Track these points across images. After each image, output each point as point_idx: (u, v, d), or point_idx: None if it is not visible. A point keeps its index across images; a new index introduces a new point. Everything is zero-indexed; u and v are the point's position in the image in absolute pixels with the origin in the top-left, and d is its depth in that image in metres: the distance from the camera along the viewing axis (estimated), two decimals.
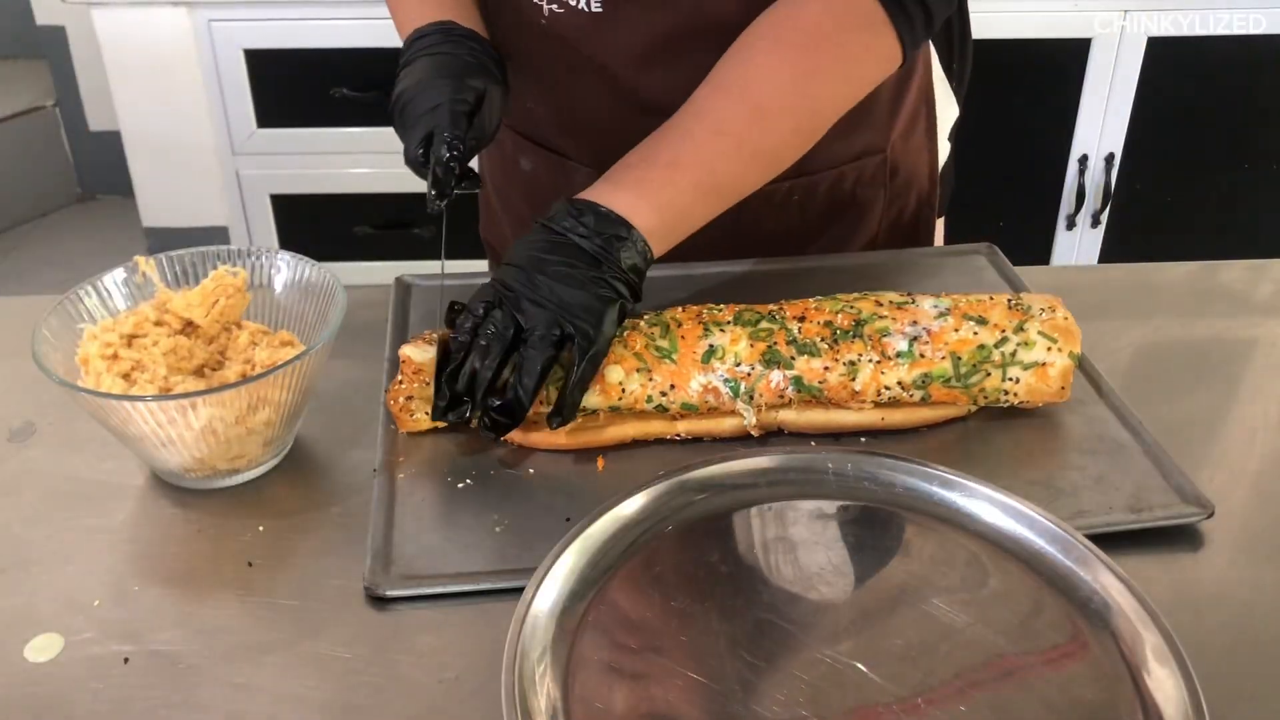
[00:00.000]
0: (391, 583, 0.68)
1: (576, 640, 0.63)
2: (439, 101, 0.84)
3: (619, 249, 0.78)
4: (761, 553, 0.70)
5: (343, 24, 2.17)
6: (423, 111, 0.84)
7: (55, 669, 0.64)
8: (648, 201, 0.80)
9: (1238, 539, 0.73)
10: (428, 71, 0.87)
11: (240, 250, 0.84)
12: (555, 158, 1.05)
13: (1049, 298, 0.83)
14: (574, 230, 0.78)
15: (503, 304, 0.76)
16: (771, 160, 0.86)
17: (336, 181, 2.34)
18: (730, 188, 0.85)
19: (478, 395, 0.76)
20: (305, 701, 0.62)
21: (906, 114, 1.05)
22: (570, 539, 0.67)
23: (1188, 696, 0.58)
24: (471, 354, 0.76)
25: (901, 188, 1.08)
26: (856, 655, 0.62)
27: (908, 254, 1.02)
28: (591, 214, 0.78)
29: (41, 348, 0.74)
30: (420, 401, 0.79)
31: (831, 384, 0.78)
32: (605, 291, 0.77)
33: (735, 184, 0.85)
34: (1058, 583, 0.66)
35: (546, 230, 0.79)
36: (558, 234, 0.78)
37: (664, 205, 0.80)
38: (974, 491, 0.71)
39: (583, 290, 0.76)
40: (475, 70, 0.88)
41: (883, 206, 1.08)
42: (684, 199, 0.82)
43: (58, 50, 2.97)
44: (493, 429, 0.76)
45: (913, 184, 1.09)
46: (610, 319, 0.77)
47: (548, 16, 0.94)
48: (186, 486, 0.77)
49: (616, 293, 0.77)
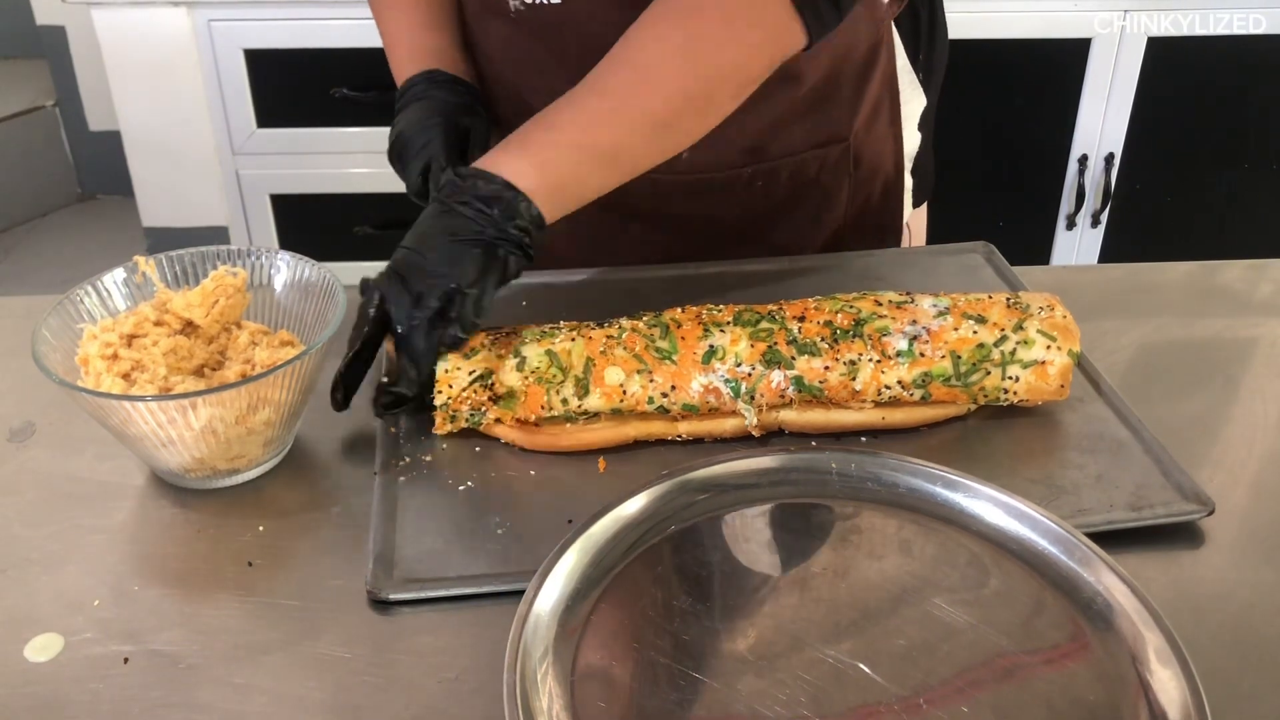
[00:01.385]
0: (394, 586, 0.68)
1: (578, 640, 0.63)
2: (431, 137, 0.95)
3: (503, 209, 0.79)
4: (763, 553, 0.70)
5: (343, 24, 2.17)
6: (419, 147, 0.95)
7: (55, 669, 0.64)
8: (529, 162, 0.81)
9: (1238, 538, 0.73)
10: (420, 113, 0.97)
11: (240, 250, 0.84)
12: None
13: (1047, 296, 0.83)
14: (458, 198, 0.80)
15: (391, 286, 0.79)
16: (662, 126, 0.86)
17: (336, 181, 2.34)
18: (620, 151, 0.85)
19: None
20: (305, 701, 0.62)
21: (869, 104, 1.06)
22: (571, 539, 0.67)
23: (1190, 697, 0.58)
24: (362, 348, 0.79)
25: (866, 176, 1.09)
26: (858, 655, 0.62)
27: (906, 253, 1.02)
28: (475, 179, 0.80)
29: (41, 348, 0.74)
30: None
31: (832, 383, 0.78)
32: (485, 250, 0.79)
33: (624, 148, 0.85)
34: (1060, 583, 0.66)
35: (436, 204, 0.82)
36: (445, 207, 0.81)
37: (544, 165, 0.82)
38: (976, 492, 0.71)
39: (466, 253, 0.78)
40: (462, 109, 0.98)
41: (848, 194, 1.09)
42: (566, 159, 0.83)
43: (58, 50, 2.97)
44: (391, 405, 0.80)
45: (878, 172, 1.11)
46: (490, 272, 0.79)
47: (515, 12, 0.97)
48: (186, 486, 0.77)
49: (498, 250, 0.79)
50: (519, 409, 0.79)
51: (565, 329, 0.82)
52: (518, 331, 0.83)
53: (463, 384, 0.79)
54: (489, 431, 0.80)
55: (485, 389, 0.79)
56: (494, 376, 0.79)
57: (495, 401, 0.79)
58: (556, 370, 0.79)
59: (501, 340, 0.82)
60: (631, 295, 0.95)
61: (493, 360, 0.80)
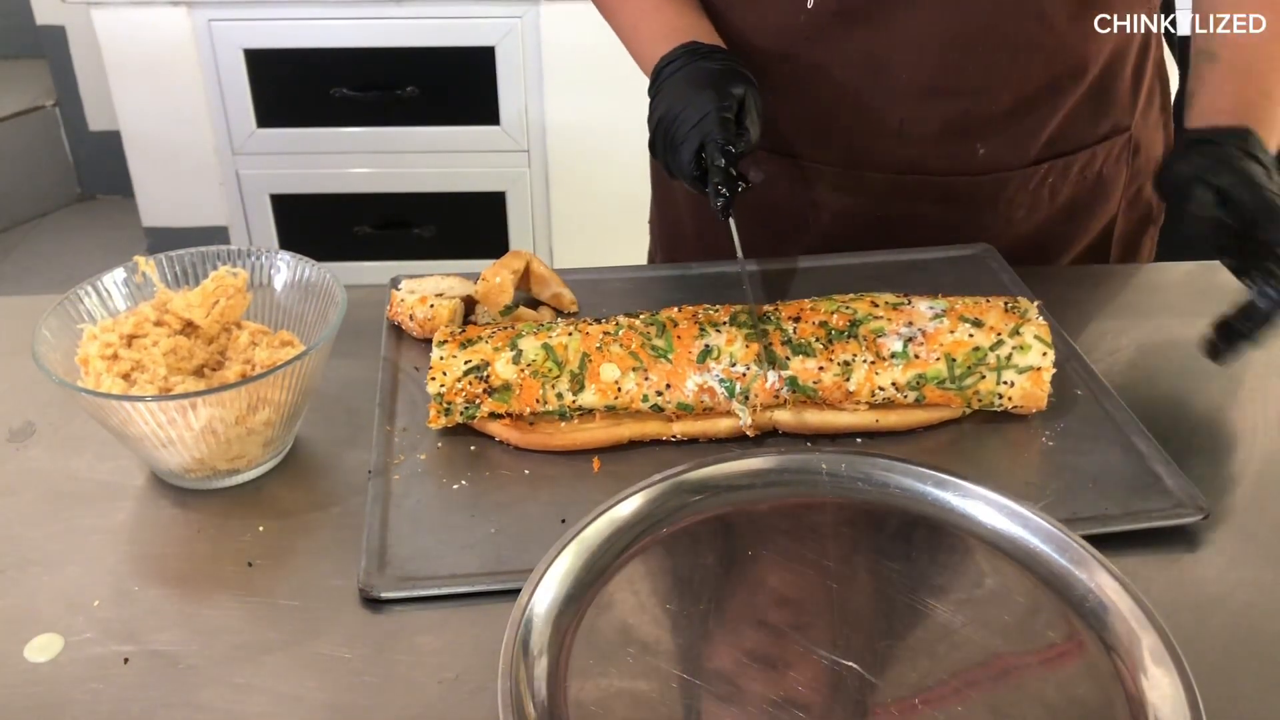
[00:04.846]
0: (387, 585, 0.68)
1: (573, 643, 0.63)
2: (706, 111, 0.85)
3: None
4: (757, 554, 0.70)
5: (343, 24, 2.17)
6: (691, 125, 0.85)
7: (55, 669, 0.64)
8: None
9: (1235, 539, 0.73)
10: (685, 87, 0.88)
11: (240, 250, 0.84)
12: (795, 163, 1.05)
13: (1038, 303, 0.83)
14: None
15: None
16: None
17: (336, 181, 2.34)
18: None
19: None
20: (305, 701, 0.62)
21: (1145, 91, 1.07)
22: (566, 541, 0.67)
23: (1184, 697, 0.58)
24: None
25: (1141, 165, 1.09)
26: (853, 656, 0.62)
27: (906, 254, 1.02)
28: None
29: (41, 348, 0.74)
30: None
31: (826, 384, 0.78)
32: None
33: None
34: (1054, 583, 0.66)
35: None
36: None
37: None
38: (969, 492, 0.71)
39: None
40: (733, 77, 0.88)
41: (1123, 185, 1.09)
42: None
43: (58, 50, 2.97)
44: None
45: (1150, 160, 1.10)
46: None
47: (812, 6, 0.94)
48: (186, 486, 0.77)
49: None
50: (513, 402, 0.79)
51: (562, 324, 0.82)
52: (514, 325, 0.83)
53: (457, 373, 0.79)
54: (482, 428, 0.80)
55: (480, 380, 0.79)
56: (489, 368, 0.79)
57: (490, 394, 0.79)
58: (552, 364, 0.79)
59: (498, 332, 0.82)
60: (641, 293, 0.96)
61: (488, 352, 0.80)
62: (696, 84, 0.88)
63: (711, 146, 0.84)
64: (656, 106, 0.90)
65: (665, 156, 0.89)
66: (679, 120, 0.86)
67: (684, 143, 0.86)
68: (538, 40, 2.18)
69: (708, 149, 0.84)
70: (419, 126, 2.27)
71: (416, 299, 0.89)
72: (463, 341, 0.81)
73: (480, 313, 0.91)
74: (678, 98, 0.88)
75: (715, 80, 0.88)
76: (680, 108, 0.87)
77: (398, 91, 2.21)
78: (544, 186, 2.35)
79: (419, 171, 2.33)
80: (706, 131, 0.84)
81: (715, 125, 0.84)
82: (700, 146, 0.85)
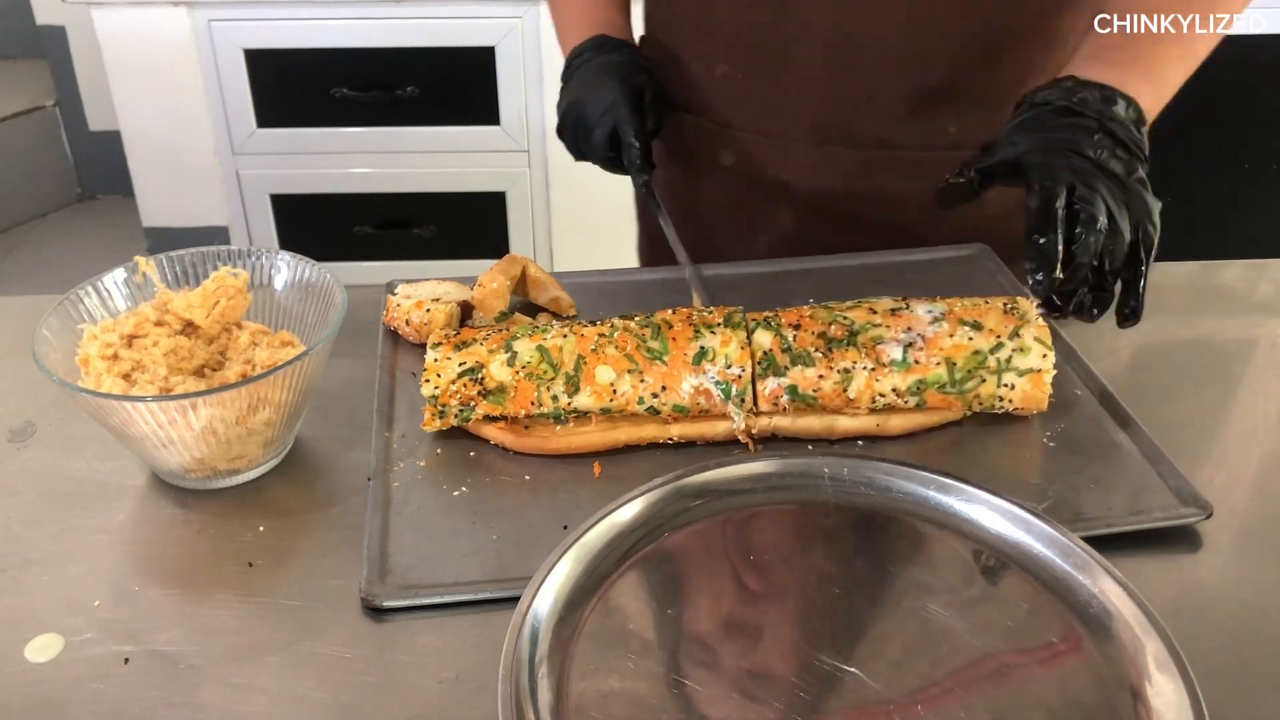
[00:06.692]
0: (389, 593, 0.68)
1: (573, 647, 0.62)
2: (613, 99, 0.95)
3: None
4: (757, 558, 0.70)
5: (343, 24, 2.17)
6: (601, 111, 0.95)
7: (55, 669, 0.64)
8: None
9: (1237, 539, 0.73)
10: (594, 76, 0.98)
11: (240, 250, 0.84)
12: (769, 141, 1.05)
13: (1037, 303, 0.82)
14: None
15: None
16: None
17: (336, 181, 2.34)
18: None
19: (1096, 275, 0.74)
20: (305, 701, 0.62)
21: None
22: (567, 545, 0.67)
23: (1189, 703, 0.58)
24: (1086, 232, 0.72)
25: None
26: (854, 660, 0.62)
27: (903, 255, 1.01)
28: None
29: (41, 348, 0.74)
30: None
31: (826, 392, 0.78)
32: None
33: None
34: (1056, 587, 0.66)
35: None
36: None
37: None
38: (972, 496, 0.71)
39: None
40: (636, 69, 0.99)
41: None
42: None
43: (58, 50, 2.97)
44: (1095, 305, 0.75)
45: None
46: None
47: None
48: (186, 486, 0.77)
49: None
50: (508, 405, 0.79)
51: (557, 326, 0.82)
52: (509, 327, 0.83)
53: (451, 375, 0.79)
54: (477, 431, 0.80)
55: (475, 383, 0.79)
56: (484, 370, 0.79)
57: (484, 396, 0.79)
58: (547, 366, 0.79)
59: (493, 334, 0.82)
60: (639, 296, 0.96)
61: (483, 354, 0.80)
62: (603, 74, 0.97)
63: (625, 129, 0.94)
64: (565, 95, 0.99)
65: (576, 138, 0.98)
66: (589, 106, 0.95)
67: (597, 126, 0.95)
68: (538, 40, 2.18)
69: (621, 131, 0.94)
70: (419, 126, 2.27)
71: (412, 304, 0.89)
72: (457, 344, 0.81)
73: (476, 318, 0.91)
74: (588, 86, 0.96)
75: (621, 71, 0.97)
76: (591, 95, 0.95)
77: (398, 91, 2.21)
78: (544, 186, 2.35)
79: (419, 171, 2.33)
80: (617, 116, 0.94)
81: (625, 110, 0.94)
82: (612, 130, 0.94)
